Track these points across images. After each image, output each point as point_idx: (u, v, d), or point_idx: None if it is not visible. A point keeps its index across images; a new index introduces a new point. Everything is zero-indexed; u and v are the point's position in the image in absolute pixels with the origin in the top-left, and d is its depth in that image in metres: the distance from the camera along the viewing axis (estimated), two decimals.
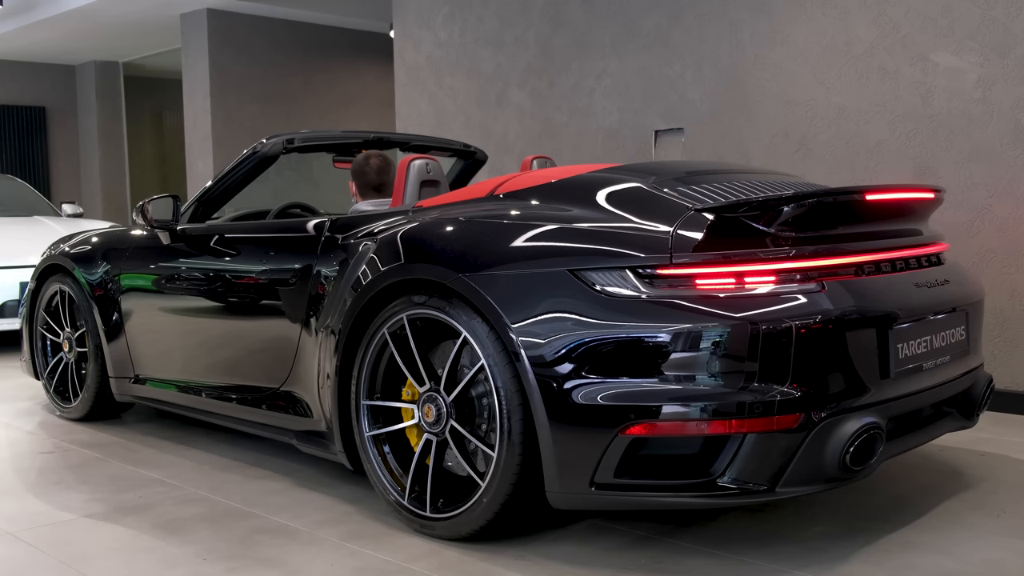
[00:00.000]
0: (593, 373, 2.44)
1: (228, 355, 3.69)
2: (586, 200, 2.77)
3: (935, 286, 2.85)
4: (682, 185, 2.76)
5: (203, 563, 2.67)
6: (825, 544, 2.70)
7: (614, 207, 2.70)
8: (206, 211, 4.06)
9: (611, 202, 2.72)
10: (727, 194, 2.70)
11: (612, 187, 2.80)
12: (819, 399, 2.41)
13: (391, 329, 2.89)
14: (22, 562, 2.70)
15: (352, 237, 3.18)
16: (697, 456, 2.43)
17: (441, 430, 2.78)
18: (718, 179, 2.88)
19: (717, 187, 2.76)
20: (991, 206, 4.41)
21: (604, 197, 2.76)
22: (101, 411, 4.42)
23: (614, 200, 2.73)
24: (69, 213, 7.99)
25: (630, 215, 2.63)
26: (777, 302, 2.41)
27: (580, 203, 2.77)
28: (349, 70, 11.24)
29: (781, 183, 2.95)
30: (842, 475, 2.46)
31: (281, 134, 3.99)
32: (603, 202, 2.74)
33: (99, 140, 13.18)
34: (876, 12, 4.73)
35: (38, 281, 4.68)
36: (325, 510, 3.10)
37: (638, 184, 2.79)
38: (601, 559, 2.63)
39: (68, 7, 9.99)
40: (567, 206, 2.79)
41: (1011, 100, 4.33)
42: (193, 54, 10.26)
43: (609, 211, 2.69)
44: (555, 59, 6.23)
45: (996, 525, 2.85)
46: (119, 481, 3.48)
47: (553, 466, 2.49)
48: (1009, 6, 4.32)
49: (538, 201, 2.89)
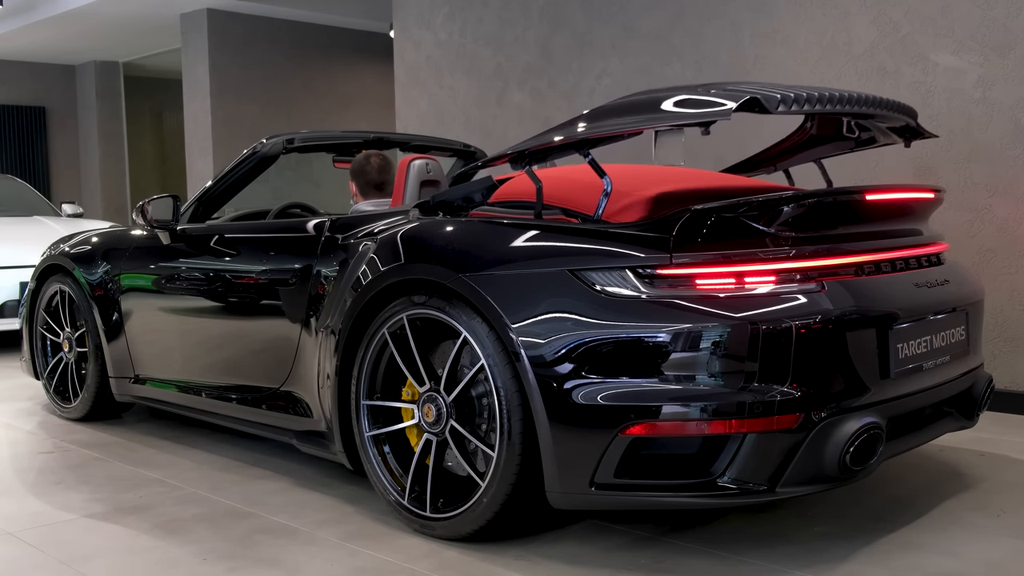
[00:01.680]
0: (593, 373, 2.44)
1: (228, 355, 3.69)
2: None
3: (935, 286, 2.85)
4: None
5: (203, 563, 2.67)
6: (825, 544, 2.70)
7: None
8: (206, 211, 4.06)
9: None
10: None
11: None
12: (819, 399, 2.41)
13: (391, 329, 2.89)
14: (22, 562, 2.70)
15: (352, 237, 3.18)
16: (697, 456, 2.43)
17: (441, 430, 2.78)
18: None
19: None
20: (991, 206, 4.41)
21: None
22: (101, 411, 4.42)
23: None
24: (69, 213, 7.98)
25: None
26: (777, 302, 2.41)
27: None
28: (349, 70, 11.24)
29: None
30: (842, 475, 2.46)
31: (281, 134, 3.99)
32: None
33: (99, 140, 13.18)
34: (876, 12, 4.73)
35: (38, 281, 4.68)
36: (325, 510, 3.10)
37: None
38: (601, 559, 2.63)
39: (68, 7, 9.99)
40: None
41: (1011, 100, 4.33)
42: (193, 54, 10.26)
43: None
44: (555, 59, 6.23)
45: (996, 525, 2.85)
46: (119, 481, 3.48)
47: (553, 466, 2.49)
48: (1009, 6, 4.32)
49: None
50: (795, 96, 2.56)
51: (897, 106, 3.01)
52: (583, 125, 2.69)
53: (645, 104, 2.63)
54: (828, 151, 3.59)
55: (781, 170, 3.77)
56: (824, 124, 3.47)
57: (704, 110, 2.49)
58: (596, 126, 2.67)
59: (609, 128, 2.65)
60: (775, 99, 2.51)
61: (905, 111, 3.08)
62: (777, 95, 2.52)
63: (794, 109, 2.56)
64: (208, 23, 10.05)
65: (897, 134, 3.36)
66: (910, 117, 3.14)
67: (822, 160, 3.63)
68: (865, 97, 2.84)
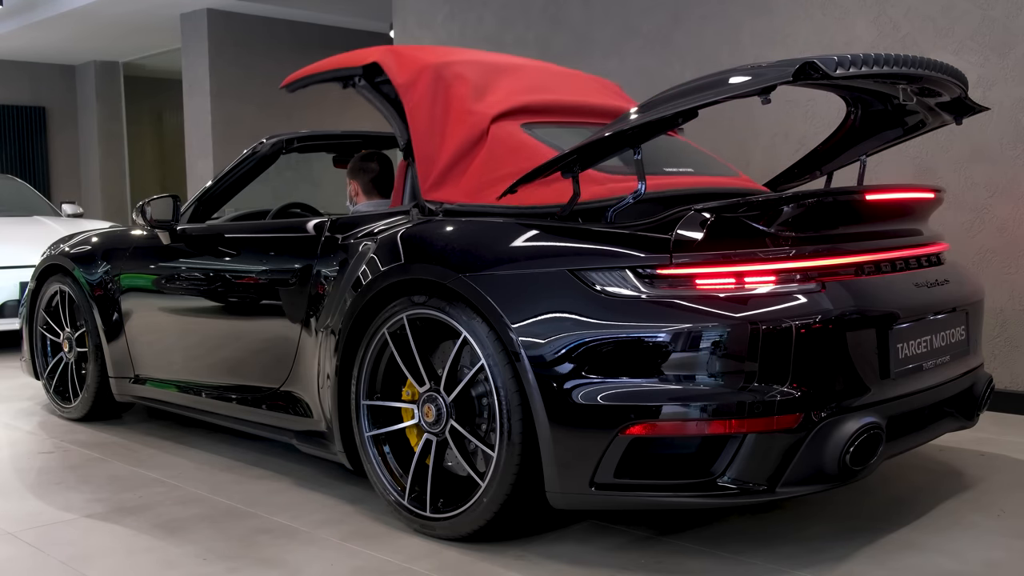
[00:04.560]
0: (593, 373, 2.44)
1: (228, 355, 3.69)
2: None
3: (935, 286, 2.85)
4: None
5: (203, 563, 2.67)
6: (825, 544, 2.70)
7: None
8: (206, 211, 4.07)
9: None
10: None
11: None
12: (819, 399, 2.41)
13: (391, 329, 2.89)
14: (22, 562, 2.70)
15: (352, 237, 3.18)
16: (697, 456, 2.43)
17: (441, 430, 2.78)
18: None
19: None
20: (991, 206, 4.41)
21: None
22: (101, 411, 4.42)
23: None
24: (69, 213, 7.99)
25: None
26: (777, 302, 2.41)
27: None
28: None
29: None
30: (842, 475, 2.46)
31: (281, 134, 3.99)
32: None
33: (99, 140, 13.18)
34: (876, 12, 4.73)
35: (38, 281, 4.68)
36: (325, 510, 3.10)
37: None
38: (601, 559, 2.63)
39: (68, 7, 9.99)
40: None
41: (1011, 100, 4.33)
42: (193, 54, 10.26)
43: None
44: (555, 59, 6.23)
45: (996, 525, 2.85)
46: (119, 481, 3.48)
47: (553, 466, 2.49)
48: (1009, 6, 4.32)
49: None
50: (852, 58, 2.50)
51: (951, 70, 2.91)
52: (636, 116, 2.62)
53: (703, 85, 2.59)
54: (873, 145, 3.50)
55: (825, 174, 3.68)
56: (868, 116, 3.39)
57: (765, 76, 2.46)
58: (651, 114, 2.58)
59: (667, 109, 2.57)
60: (832, 61, 2.46)
61: (958, 76, 2.97)
62: (834, 58, 2.47)
63: (852, 71, 2.49)
64: (208, 23, 10.05)
65: (947, 110, 3.22)
66: (962, 84, 3.02)
67: (865, 157, 3.53)
68: (920, 59, 2.75)
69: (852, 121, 3.47)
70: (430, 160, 3.11)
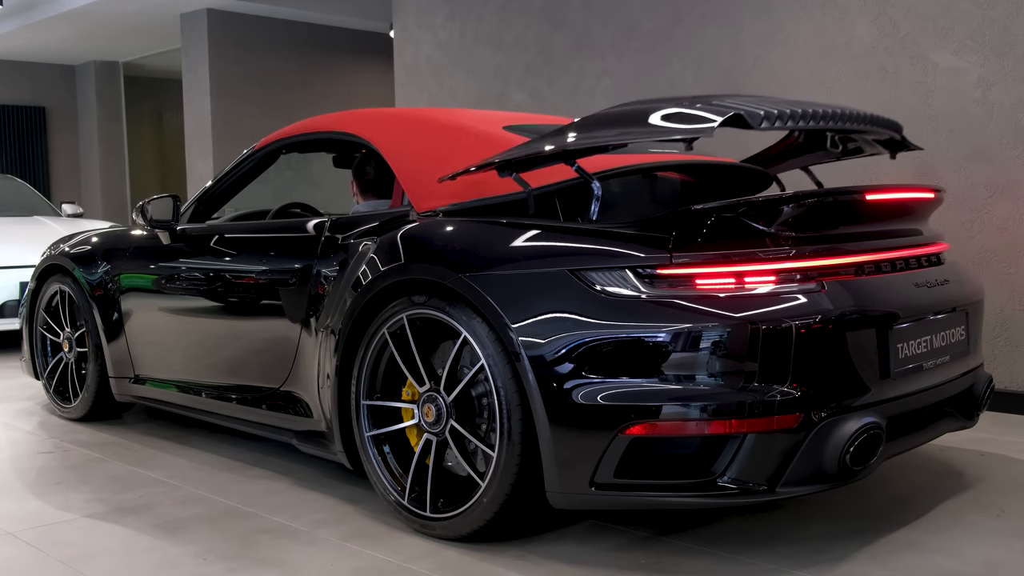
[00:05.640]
0: (593, 373, 2.44)
1: (228, 355, 3.69)
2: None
3: (935, 286, 2.85)
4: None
5: (203, 563, 2.67)
6: (825, 544, 2.70)
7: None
8: (206, 211, 4.07)
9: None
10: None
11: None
12: (819, 399, 2.41)
13: (391, 329, 2.89)
14: (22, 562, 2.70)
15: (352, 237, 3.18)
16: (697, 456, 2.43)
17: (441, 430, 2.78)
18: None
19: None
20: (991, 206, 4.41)
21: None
22: (101, 411, 4.42)
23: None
24: (69, 213, 7.98)
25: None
26: (777, 302, 2.41)
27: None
28: (349, 70, 11.24)
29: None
30: (842, 475, 2.46)
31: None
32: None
33: (99, 140, 13.18)
34: (876, 12, 4.73)
35: (38, 281, 4.68)
36: (325, 510, 3.10)
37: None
38: (601, 559, 2.63)
39: (68, 7, 9.99)
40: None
41: (1011, 100, 4.33)
42: (193, 54, 10.26)
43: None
44: (555, 59, 6.24)
45: (996, 525, 2.85)
46: (119, 481, 3.48)
47: (553, 466, 2.49)
48: (1009, 6, 4.32)
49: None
50: (779, 112, 2.58)
51: (882, 121, 3.06)
52: (572, 135, 2.70)
53: (633, 116, 2.66)
54: (814, 159, 3.62)
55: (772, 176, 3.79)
56: (811, 135, 3.50)
57: (689, 125, 2.52)
58: (584, 137, 2.69)
59: (596, 140, 2.67)
60: (759, 115, 2.52)
61: (890, 126, 3.12)
62: (761, 111, 2.53)
63: (777, 125, 2.58)
64: (208, 23, 10.05)
65: (883, 146, 3.41)
66: (895, 131, 3.18)
67: (810, 167, 3.67)
68: (850, 113, 2.88)
69: (796, 137, 3.57)
70: (414, 178, 3.16)
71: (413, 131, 3.38)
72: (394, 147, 3.32)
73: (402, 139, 3.34)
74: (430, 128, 3.36)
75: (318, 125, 3.71)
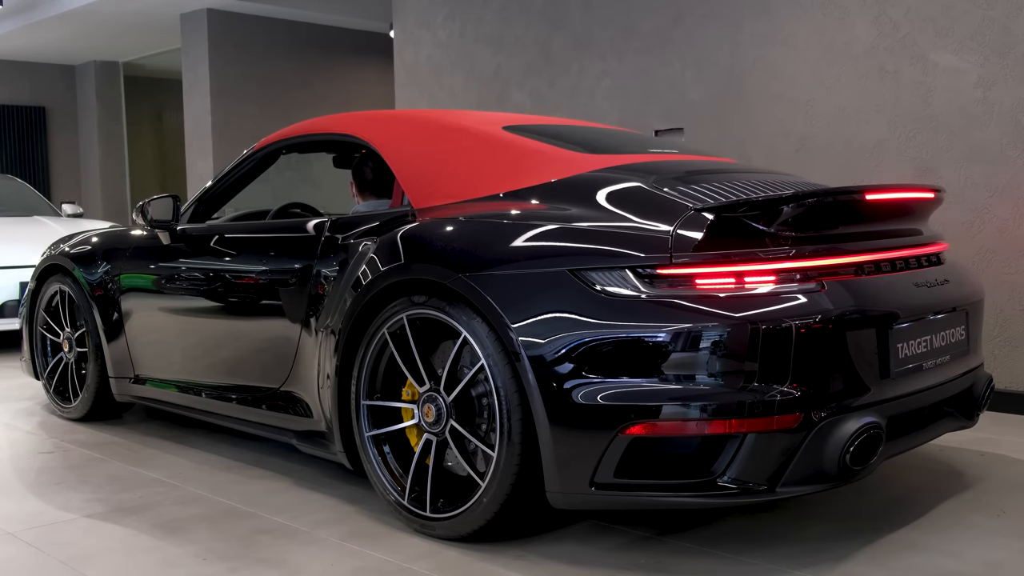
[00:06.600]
0: (593, 373, 2.44)
1: (228, 355, 3.70)
2: (586, 200, 2.77)
3: (935, 286, 2.85)
4: (682, 184, 2.76)
5: (203, 563, 2.67)
6: (825, 544, 2.70)
7: (614, 207, 2.69)
8: (206, 211, 4.06)
9: (611, 202, 2.72)
10: (727, 193, 2.70)
11: (612, 187, 2.80)
12: (819, 399, 2.41)
13: (391, 329, 2.89)
14: (22, 562, 2.70)
15: (352, 237, 3.18)
16: (697, 456, 2.43)
17: (441, 430, 2.78)
18: (718, 178, 2.88)
19: (716, 186, 2.77)
20: (991, 206, 4.42)
21: (604, 197, 2.76)
22: (101, 411, 4.42)
23: (614, 200, 2.73)
24: (69, 213, 7.98)
25: (630, 215, 2.63)
26: (777, 302, 2.41)
27: (580, 203, 2.77)
28: (349, 70, 11.24)
29: (780, 182, 2.95)
30: (842, 475, 2.46)
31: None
32: (603, 202, 2.74)
33: (99, 140, 13.18)
34: (876, 12, 4.73)
35: (38, 281, 4.68)
36: (325, 510, 3.10)
37: (638, 184, 2.79)
38: (601, 559, 2.63)
39: (68, 7, 9.99)
40: (567, 206, 2.79)
41: (1011, 100, 4.33)
42: (193, 54, 10.26)
43: (609, 211, 2.69)
44: (555, 59, 6.24)
45: (996, 525, 2.85)
46: (119, 481, 3.48)
47: (553, 466, 2.49)
48: (1009, 6, 4.32)
49: (537, 201, 2.89)
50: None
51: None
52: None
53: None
54: None
55: None
56: None
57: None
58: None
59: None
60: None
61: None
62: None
63: None
64: (208, 23, 10.05)
65: None
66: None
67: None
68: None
69: None
70: (414, 178, 3.16)
71: (413, 132, 3.38)
72: (394, 148, 3.32)
73: (402, 140, 3.35)
74: (430, 129, 3.36)
75: (318, 126, 3.72)
